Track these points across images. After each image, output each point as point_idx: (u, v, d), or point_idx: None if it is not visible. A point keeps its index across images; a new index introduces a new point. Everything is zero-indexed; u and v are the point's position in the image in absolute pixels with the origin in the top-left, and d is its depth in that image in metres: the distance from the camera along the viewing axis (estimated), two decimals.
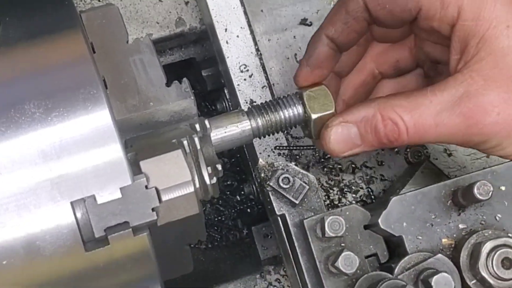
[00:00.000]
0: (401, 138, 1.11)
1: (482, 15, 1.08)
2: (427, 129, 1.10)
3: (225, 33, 1.38)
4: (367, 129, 1.14)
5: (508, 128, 1.08)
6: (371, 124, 1.13)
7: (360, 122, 1.14)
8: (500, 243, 1.13)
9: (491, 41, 1.07)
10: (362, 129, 1.14)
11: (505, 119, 1.07)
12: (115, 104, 1.05)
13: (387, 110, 1.12)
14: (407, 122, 1.10)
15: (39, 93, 0.95)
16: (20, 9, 1.04)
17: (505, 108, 1.07)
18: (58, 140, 0.94)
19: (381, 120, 1.12)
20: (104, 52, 1.09)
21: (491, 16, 1.08)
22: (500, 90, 1.07)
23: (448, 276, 1.11)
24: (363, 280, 1.17)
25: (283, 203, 1.27)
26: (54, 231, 0.92)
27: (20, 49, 0.99)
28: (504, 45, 1.07)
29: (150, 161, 0.97)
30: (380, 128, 1.12)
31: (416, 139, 1.11)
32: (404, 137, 1.11)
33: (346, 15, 1.18)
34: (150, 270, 0.98)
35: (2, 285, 0.93)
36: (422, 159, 1.34)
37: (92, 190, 0.93)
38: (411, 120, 1.10)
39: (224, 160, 1.67)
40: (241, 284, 1.38)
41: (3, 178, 0.92)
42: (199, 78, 1.54)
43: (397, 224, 1.18)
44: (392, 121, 1.11)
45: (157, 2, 1.45)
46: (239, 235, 1.69)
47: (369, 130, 1.14)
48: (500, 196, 1.19)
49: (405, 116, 1.10)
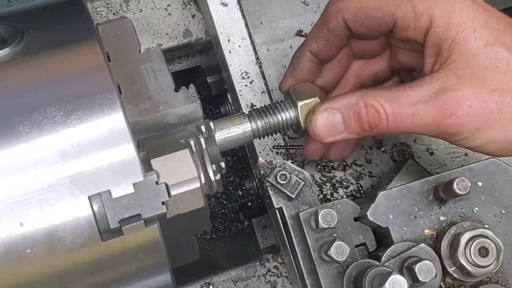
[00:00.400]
0: (381, 124, 1.10)
1: (451, 21, 1.08)
2: (405, 118, 1.09)
3: (228, 43, 1.38)
4: (350, 115, 1.13)
5: (479, 120, 1.07)
6: (355, 110, 1.12)
7: (344, 108, 1.13)
8: (477, 234, 1.13)
9: (461, 43, 1.07)
10: (346, 115, 1.13)
11: (476, 112, 1.06)
12: (128, 108, 1.05)
13: (369, 98, 1.11)
14: (387, 109, 1.09)
15: (60, 98, 0.95)
16: (42, 21, 1.04)
17: (477, 102, 1.06)
18: (77, 140, 0.93)
19: (363, 107, 1.11)
20: (118, 61, 1.09)
21: (459, 21, 1.08)
22: (472, 86, 1.06)
23: (430, 263, 1.10)
24: (353, 267, 1.17)
25: (280, 197, 1.27)
26: (73, 222, 0.92)
27: (42, 58, 0.99)
28: (473, 46, 1.07)
29: (160, 159, 0.96)
30: (363, 114, 1.11)
31: (394, 126, 1.10)
32: (384, 123, 1.10)
33: (328, 32, 1.18)
34: (160, 258, 0.97)
35: (26, 272, 0.92)
36: (407, 157, 1.34)
37: (107, 186, 0.92)
38: (390, 109, 1.09)
39: (227, 158, 1.67)
40: (242, 271, 1.37)
41: (27, 175, 0.91)
42: (204, 84, 1.54)
43: (384, 216, 1.17)
44: (374, 108, 1.10)
45: (167, 15, 1.44)
46: (240, 227, 1.69)
47: (352, 116, 1.12)
48: (477, 191, 1.18)
49: (386, 105, 1.09)
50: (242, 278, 1.37)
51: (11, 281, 0.92)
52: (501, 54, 1.08)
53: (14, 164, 0.92)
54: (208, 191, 1.03)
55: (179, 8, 1.45)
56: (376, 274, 1.12)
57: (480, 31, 1.08)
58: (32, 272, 0.92)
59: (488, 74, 1.07)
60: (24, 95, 0.95)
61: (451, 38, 1.08)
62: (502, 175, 1.19)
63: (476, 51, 1.08)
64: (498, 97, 1.07)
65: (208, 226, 1.11)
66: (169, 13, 1.44)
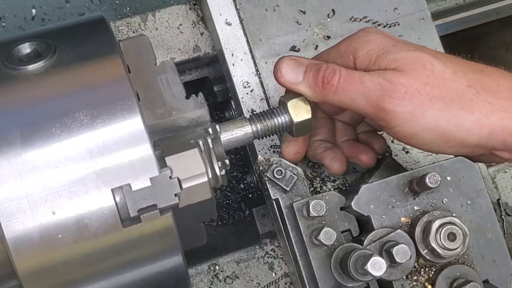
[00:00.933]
0: (333, 80, 1.08)
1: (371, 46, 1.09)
2: (353, 82, 1.07)
3: (231, 57, 1.38)
4: (311, 68, 1.12)
5: (413, 105, 1.04)
6: (317, 66, 1.12)
7: (309, 64, 1.13)
8: (446, 221, 1.12)
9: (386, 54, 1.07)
10: (308, 68, 1.13)
11: (411, 97, 1.03)
12: (146, 113, 1.04)
13: (332, 64, 1.11)
14: (341, 71, 1.08)
15: (87, 104, 0.95)
16: (72, 38, 1.03)
17: (412, 90, 1.03)
18: (101, 140, 0.93)
19: (325, 66, 1.10)
20: (137, 72, 1.09)
21: (377, 45, 1.08)
22: (406, 77, 1.04)
23: (406, 247, 1.10)
24: (339, 250, 1.16)
25: (277, 190, 1.27)
26: (98, 212, 0.91)
27: (71, 70, 0.98)
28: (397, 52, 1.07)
29: (173, 157, 0.96)
30: (322, 69, 1.10)
31: (343, 86, 1.08)
32: (335, 80, 1.08)
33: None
34: (173, 242, 0.97)
35: (57, 254, 0.92)
36: (386, 156, 1.33)
37: (128, 180, 0.92)
38: (344, 72, 1.08)
39: (231, 156, 1.66)
40: (244, 253, 1.37)
41: (59, 170, 0.91)
42: (211, 93, 1.54)
43: (366, 206, 1.16)
44: (332, 67, 1.09)
45: (179, 33, 1.44)
46: (242, 215, 1.69)
47: (312, 69, 1.11)
48: (446, 184, 1.17)
49: (342, 68, 1.09)
50: (243, 259, 1.37)
51: (45, 262, 0.92)
52: (424, 57, 1.06)
53: (48, 161, 0.91)
54: (214, 184, 1.03)
55: (190, 27, 1.44)
56: (359, 256, 1.12)
57: (399, 45, 1.08)
58: (62, 254, 0.92)
59: (418, 70, 1.05)
60: (56, 101, 0.95)
61: (374, 57, 1.07)
62: (468, 170, 1.18)
63: (401, 54, 1.06)
64: (430, 89, 1.04)
65: (214, 215, 1.10)
66: (181, 31, 1.44)
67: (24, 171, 0.90)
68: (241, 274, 1.36)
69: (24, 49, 1.01)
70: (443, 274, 1.14)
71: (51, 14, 1.76)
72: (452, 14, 1.66)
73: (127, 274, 0.97)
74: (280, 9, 1.41)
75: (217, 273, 1.36)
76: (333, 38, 1.40)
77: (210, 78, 1.55)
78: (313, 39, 1.40)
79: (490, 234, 1.18)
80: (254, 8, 1.40)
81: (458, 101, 1.03)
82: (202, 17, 1.45)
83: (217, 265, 1.36)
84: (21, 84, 0.96)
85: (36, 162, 0.91)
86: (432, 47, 1.40)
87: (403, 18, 1.42)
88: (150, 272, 0.98)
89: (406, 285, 1.15)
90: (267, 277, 1.36)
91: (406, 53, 1.06)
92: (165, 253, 0.98)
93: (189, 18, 1.45)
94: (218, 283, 1.35)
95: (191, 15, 1.45)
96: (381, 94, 1.04)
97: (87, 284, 0.95)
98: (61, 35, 1.04)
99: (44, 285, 0.93)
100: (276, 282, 1.36)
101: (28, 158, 0.91)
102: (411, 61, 1.05)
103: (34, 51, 1.01)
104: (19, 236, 0.89)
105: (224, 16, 1.39)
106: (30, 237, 0.89)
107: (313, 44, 1.40)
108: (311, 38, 1.40)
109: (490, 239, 1.18)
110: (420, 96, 1.03)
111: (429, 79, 1.04)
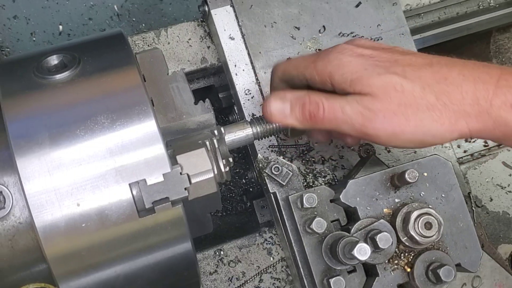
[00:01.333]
0: (319, 114, 1.07)
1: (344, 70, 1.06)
2: (336, 113, 1.05)
3: (234, 68, 1.38)
4: (296, 104, 1.09)
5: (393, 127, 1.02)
6: (301, 101, 1.09)
7: (293, 98, 1.10)
8: (423, 212, 1.13)
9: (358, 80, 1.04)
10: (293, 103, 1.10)
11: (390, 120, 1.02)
12: (159, 117, 1.05)
13: (313, 95, 1.08)
14: (324, 103, 1.06)
15: (107, 109, 0.95)
16: (94, 51, 1.04)
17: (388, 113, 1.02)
18: (120, 141, 0.93)
19: (308, 99, 1.08)
20: (151, 81, 1.09)
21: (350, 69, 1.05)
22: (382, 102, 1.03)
23: (388, 234, 1.10)
24: (329, 237, 1.17)
25: (274, 185, 1.27)
26: (118, 203, 0.92)
27: (94, 79, 0.99)
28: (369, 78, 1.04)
29: (183, 155, 0.96)
30: (306, 104, 1.08)
31: (328, 118, 1.06)
32: (321, 113, 1.06)
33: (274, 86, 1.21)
34: (183, 231, 0.97)
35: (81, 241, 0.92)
36: (370, 154, 1.33)
37: (143, 175, 0.92)
38: (327, 103, 1.06)
39: (234, 155, 1.66)
40: (245, 240, 1.37)
41: (83, 167, 0.92)
42: (217, 99, 1.53)
43: (352, 198, 1.17)
44: (316, 101, 1.07)
45: (188, 47, 1.44)
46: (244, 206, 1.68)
47: (298, 105, 1.09)
48: (424, 180, 1.18)
49: (324, 100, 1.06)
50: (245, 245, 1.37)
51: (71, 248, 0.92)
52: (393, 79, 1.03)
53: (73, 159, 0.92)
54: (219, 179, 1.03)
55: (198, 41, 1.44)
56: (347, 242, 1.12)
57: (370, 68, 1.05)
58: (86, 241, 0.92)
59: (390, 93, 1.03)
60: (80, 107, 0.96)
61: (348, 81, 1.05)
62: (442, 167, 1.19)
63: (373, 80, 1.04)
64: (404, 109, 1.02)
65: (219, 206, 1.11)
66: (190, 45, 1.44)
67: (52, 168, 0.91)
68: (243, 258, 1.36)
69: (52, 60, 1.02)
70: (421, 258, 1.15)
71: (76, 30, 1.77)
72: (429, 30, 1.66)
73: (142, 259, 0.97)
74: (277, 26, 1.41)
75: (222, 257, 1.36)
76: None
77: (216, 86, 1.54)
78: (306, 51, 1.40)
79: (462, 223, 1.18)
80: (254, 25, 1.40)
81: (430, 115, 1.03)
82: (208, 32, 1.45)
83: (222, 251, 1.36)
84: (49, 92, 0.96)
85: (62, 160, 0.91)
86: None
87: (386, 33, 1.42)
88: (163, 256, 0.98)
89: (388, 268, 1.15)
90: (266, 261, 1.36)
91: (377, 79, 1.04)
92: (176, 240, 0.98)
93: (197, 34, 1.45)
94: (223, 266, 1.35)
95: (199, 30, 1.45)
96: (363, 122, 1.04)
97: (107, 267, 0.95)
98: (84, 48, 1.04)
99: (70, 268, 0.93)
100: (273, 265, 1.36)
101: (56, 157, 0.91)
102: (383, 86, 1.03)
103: (61, 62, 1.01)
104: (48, 225, 0.90)
105: (228, 31, 1.39)
106: (58, 226, 0.90)
107: None
108: (304, 51, 1.40)
109: (461, 227, 1.18)
110: (397, 117, 1.03)
111: (401, 100, 1.03)
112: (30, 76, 0.98)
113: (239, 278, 1.35)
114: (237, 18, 1.39)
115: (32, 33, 1.75)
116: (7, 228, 0.94)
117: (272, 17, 1.41)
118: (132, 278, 0.97)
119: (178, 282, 1.05)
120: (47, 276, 0.96)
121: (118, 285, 0.96)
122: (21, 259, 0.95)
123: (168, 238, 0.97)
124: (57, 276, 0.92)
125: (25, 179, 0.90)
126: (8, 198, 0.94)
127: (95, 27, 1.78)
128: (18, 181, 0.92)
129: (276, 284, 1.35)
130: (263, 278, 1.35)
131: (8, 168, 0.94)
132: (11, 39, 1.74)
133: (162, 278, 1.01)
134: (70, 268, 0.93)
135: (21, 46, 1.75)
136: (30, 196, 0.89)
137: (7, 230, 0.94)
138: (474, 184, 1.43)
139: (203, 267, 1.35)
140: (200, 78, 1.54)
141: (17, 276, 0.97)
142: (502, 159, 1.45)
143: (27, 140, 0.91)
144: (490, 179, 1.43)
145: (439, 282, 1.12)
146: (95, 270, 0.94)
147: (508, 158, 1.45)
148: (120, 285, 0.97)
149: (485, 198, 1.42)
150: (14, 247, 0.94)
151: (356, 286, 1.17)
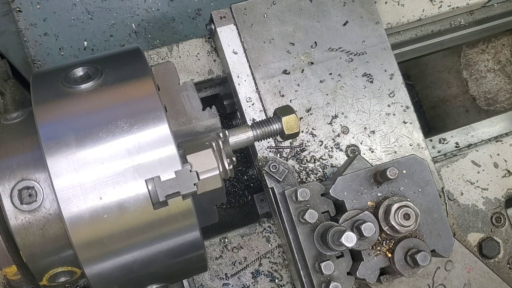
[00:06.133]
0: None
1: None
2: None
3: (237, 78, 1.38)
4: None
5: None
6: None
7: None
8: (402, 204, 1.13)
9: None
10: None
11: None
12: (171, 121, 1.04)
13: None
14: None
15: (126, 114, 0.95)
16: (115, 64, 1.03)
17: None
18: (137, 142, 0.93)
19: None
20: (165, 90, 1.08)
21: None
22: None
23: (372, 224, 1.11)
24: (320, 227, 1.17)
25: (272, 180, 1.27)
26: (135, 197, 0.91)
27: (115, 88, 0.99)
28: None
29: (193, 155, 0.96)
30: None
31: None
32: None
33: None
34: (192, 221, 0.97)
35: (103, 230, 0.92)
36: (356, 154, 1.33)
37: (158, 172, 0.92)
38: None
39: (237, 154, 1.66)
40: (247, 229, 1.37)
41: (105, 165, 0.91)
42: (222, 106, 1.54)
43: (341, 193, 1.17)
44: None
45: (197, 60, 1.44)
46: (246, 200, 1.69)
47: None
48: (403, 176, 1.18)
49: None
50: (246, 234, 1.37)
51: (94, 236, 0.92)
52: None
53: (96, 158, 0.92)
54: (224, 176, 1.02)
55: (205, 55, 1.45)
56: (336, 231, 1.12)
57: None
58: (107, 230, 0.92)
59: None
60: (102, 113, 0.96)
61: None
62: (419, 165, 1.19)
63: None
64: None
65: (224, 199, 1.10)
66: (198, 59, 1.44)
67: (78, 166, 0.91)
68: (245, 245, 1.36)
69: (78, 72, 1.02)
70: (400, 245, 1.15)
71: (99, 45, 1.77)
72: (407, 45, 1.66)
73: (156, 245, 0.97)
74: (275, 42, 1.41)
75: (226, 244, 1.36)
76: (315, 63, 1.41)
77: (221, 95, 1.55)
78: (300, 64, 1.40)
79: (436, 215, 1.18)
80: (255, 41, 1.40)
81: None
82: (215, 47, 1.45)
83: (226, 238, 1.36)
84: (75, 99, 0.96)
85: (87, 159, 0.91)
86: (391, 71, 1.41)
87: (370, 48, 1.43)
88: (174, 243, 0.98)
89: (371, 254, 1.15)
90: (265, 248, 1.36)
91: None
92: (186, 229, 0.98)
93: (204, 49, 1.45)
94: (227, 252, 1.35)
95: (206, 46, 1.45)
96: None
97: (126, 253, 0.95)
98: (106, 61, 1.04)
99: (93, 254, 0.93)
100: (271, 251, 1.36)
101: (81, 156, 0.91)
102: None
103: (86, 74, 1.01)
104: (74, 216, 0.90)
105: (231, 47, 1.39)
106: (82, 216, 0.90)
107: (300, 68, 1.40)
108: (298, 64, 1.40)
109: (436, 218, 1.18)
110: None
111: None
112: (59, 86, 0.98)
113: (241, 262, 1.35)
114: (239, 35, 1.40)
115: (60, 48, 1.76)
116: (38, 219, 0.94)
117: (270, 34, 1.41)
118: (147, 262, 0.97)
119: (187, 266, 1.04)
120: (74, 260, 0.96)
121: (135, 268, 0.96)
122: (50, 246, 0.95)
123: (179, 227, 0.97)
124: (82, 261, 0.92)
125: (54, 175, 0.90)
126: (40, 192, 0.94)
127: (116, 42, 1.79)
128: (48, 178, 0.92)
129: (274, 268, 1.35)
130: (262, 262, 1.35)
131: (39, 166, 0.94)
132: (42, 54, 1.75)
133: (174, 262, 1.00)
134: (93, 253, 0.93)
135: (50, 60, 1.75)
136: (59, 191, 0.89)
137: (38, 220, 0.94)
138: (447, 180, 1.43)
139: (210, 253, 1.35)
140: (207, 88, 1.54)
141: (47, 261, 0.97)
142: (471, 158, 1.45)
143: (56, 141, 0.91)
144: (461, 175, 1.43)
145: (416, 266, 1.12)
146: (115, 255, 0.94)
147: (477, 157, 1.45)
148: (137, 268, 0.97)
149: (456, 192, 1.43)
150: (44, 235, 0.94)
151: (344, 269, 1.17)
